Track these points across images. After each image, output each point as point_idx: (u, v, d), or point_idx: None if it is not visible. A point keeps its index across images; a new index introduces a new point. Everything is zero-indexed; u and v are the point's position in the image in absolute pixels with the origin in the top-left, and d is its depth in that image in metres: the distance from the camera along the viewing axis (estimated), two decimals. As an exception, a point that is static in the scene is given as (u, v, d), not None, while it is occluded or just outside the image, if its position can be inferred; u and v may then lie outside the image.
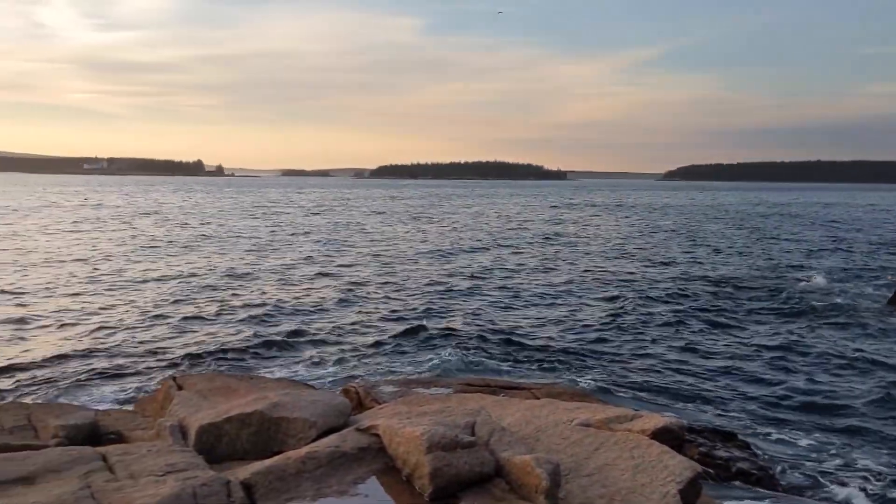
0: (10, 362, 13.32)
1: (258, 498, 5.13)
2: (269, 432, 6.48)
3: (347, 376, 13.07)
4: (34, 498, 4.98)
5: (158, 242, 36.26)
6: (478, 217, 64.60)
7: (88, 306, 18.79)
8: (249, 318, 17.90)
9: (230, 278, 24.38)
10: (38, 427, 7.72)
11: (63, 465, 5.60)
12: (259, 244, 36.19)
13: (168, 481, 5.15)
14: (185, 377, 9.09)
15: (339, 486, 5.39)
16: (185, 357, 14.21)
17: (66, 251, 31.47)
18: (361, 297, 21.27)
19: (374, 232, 45.59)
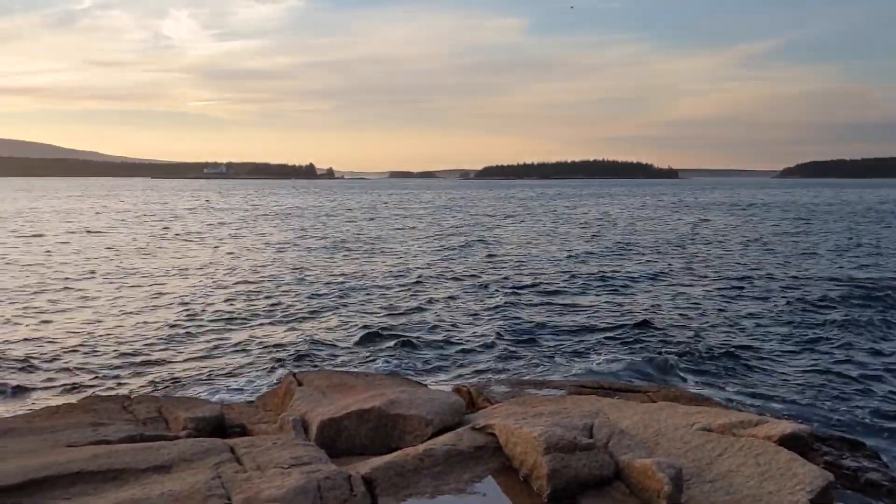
0: (141, 358, 14.06)
1: (379, 493, 5.23)
2: (387, 428, 6.62)
3: (457, 376, 13.16)
4: (170, 486, 5.25)
5: (286, 243, 37.51)
6: (605, 216, 63.36)
7: (213, 304, 19.63)
8: (361, 316, 18.28)
9: (346, 276, 24.96)
10: (168, 419, 8.09)
11: (195, 455, 5.87)
12: (383, 246, 36.84)
13: (293, 474, 5.33)
14: (304, 374, 9.34)
15: (456, 484, 5.44)
16: (301, 354, 14.63)
17: (200, 251, 33.00)
18: (480, 297, 21.33)
19: (505, 233, 45.42)
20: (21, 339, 15.32)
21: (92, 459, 5.77)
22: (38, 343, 15.02)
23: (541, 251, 34.27)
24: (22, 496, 5.22)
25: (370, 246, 36.02)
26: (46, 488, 5.35)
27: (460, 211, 75.51)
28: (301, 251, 33.87)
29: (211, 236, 41.99)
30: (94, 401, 8.90)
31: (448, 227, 51.48)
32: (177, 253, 32.56)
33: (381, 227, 51.04)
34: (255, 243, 37.77)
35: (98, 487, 5.40)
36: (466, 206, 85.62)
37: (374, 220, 58.29)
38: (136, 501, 5.04)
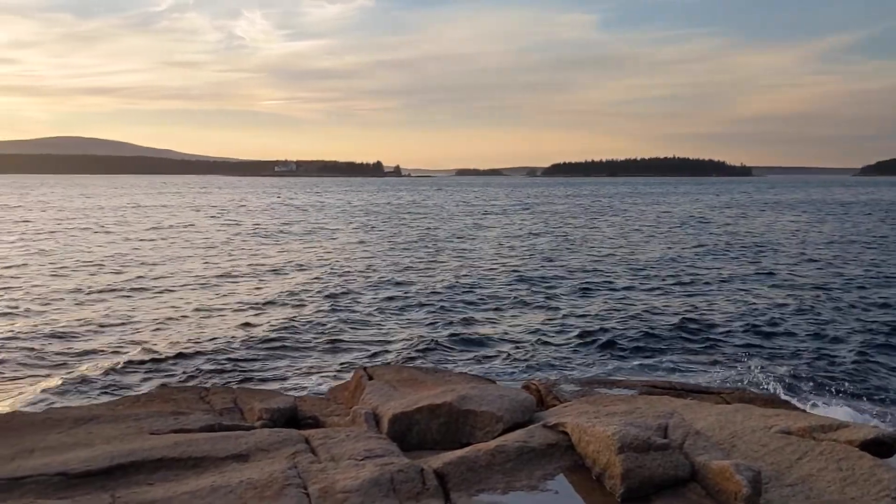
0: (214, 351, 14.42)
1: (451, 487, 5.26)
2: (458, 424, 6.65)
3: (524, 374, 13.13)
4: (248, 474, 5.38)
5: (358, 240, 38.01)
6: (684, 217, 61.98)
7: (287, 298, 20.01)
8: (431, 313, 18.38)
9: (416, 274, 25.15)
10: (244, 410, 8.28)
11: (272, 445, 6.01)
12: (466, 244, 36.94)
13: (367, 466, 5.41)
14: (374, 368, 9.46)
15: (528, 481, 5.43)
16: (370, 349, 14.81)
17: (273, 248, 33.70)
18: (547, 295, 21.22)
19: (578, 233, 45.03)
20: (100, 330, 15.88)
21: (174, 447, 5.96)
22: (117, 334, 15.55)
23: (617, 250, 33.83)
24: (109, 480, 5.43)
25: (443, 244, 36.15)
26: (132, 473, 5.55)
27: (533, 209, 75.16)
28: (373, 248, 34.23)
29: (284, 234, 42.76)
30: (173, 391, 9.18)
31: (524, 225, 51.32)
32: (251, 251, 33.26)
33: (454, 225, 51.17)
34: (327, 241, 38.32)
35: (179, 474, 5.57)
36: (542, 204, 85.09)
37: (446, 218, 58.51)
38: (216, 488, 5.19)
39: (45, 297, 19.81)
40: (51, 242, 35.26)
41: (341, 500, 4.91)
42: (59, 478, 5.43)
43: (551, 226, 50.10)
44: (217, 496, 5.07)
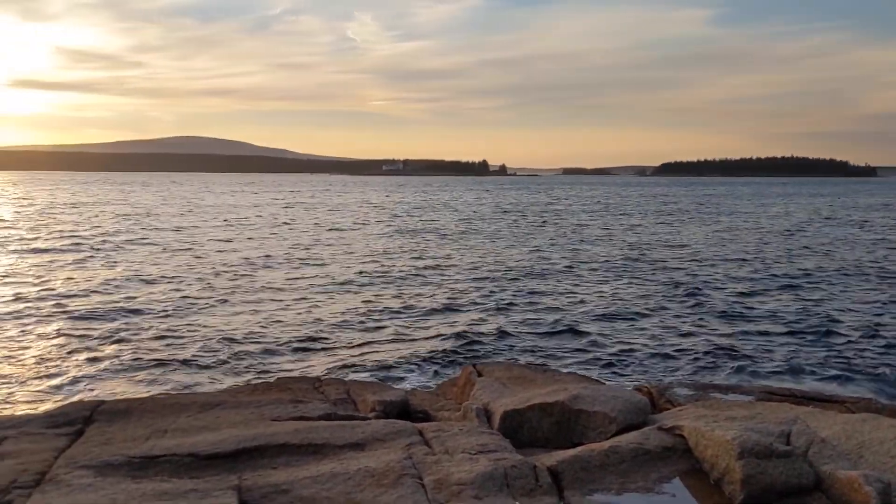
0: (324, 343, 14.84)
1: (564, 485, 5.27)
2: (570, 423, 6.63)
3: (632, 376, 12.93)
4: (365, 462, 5.54)
5: (464, 237, 38.34)
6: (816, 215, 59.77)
7: (393, 295, 20.39)
8: (538, 311, 18.34)
9: (528, 271, 25.12)
10: (357, 401, 8.50)
11: (387, 435, 6.16)
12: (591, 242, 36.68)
13: (480, 460, 5.47)
14: (483, 365, 9.52)
15: (643, 483, 5.37)
16: (477, 346, 14.90)
17: (382, 242, 34.39)
18: (662, 296, 20.79)
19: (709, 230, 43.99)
20: (218, 322, 16.61)
21: (294, 433, 6.20)
22: (233, 326, 16.22)
23: (742, 251, 32.72)
24: (236, 462, 5.70)
25: (551, 244, 35.95)
26: (256, 457, 5.81)
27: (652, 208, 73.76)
28: (480, 245, 34.39)
29: (392, 229, 43.49)
30: (289, 381, 9.52)
31: (642, 224, 50.47)
32: (363, 244, 34.00)
33: (564, 224, 50.82)
34: (432, 237, 38.74)
35: (300, 459, 5.79)
36: (668, 204, 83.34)
37: (556, 216, 58.15)
38: (336, 474, 5.37)
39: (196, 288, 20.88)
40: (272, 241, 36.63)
41: (456, 493, 4.99)
42: (190, 458, 5.75)
43: (676, 227, 48.82)
44: (337, 482, 5.25)
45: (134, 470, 5.53)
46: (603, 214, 64.26)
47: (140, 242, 34.26)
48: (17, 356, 13.24)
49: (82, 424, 6.79)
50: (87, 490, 5.09)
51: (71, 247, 31.51)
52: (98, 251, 30.15)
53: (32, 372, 12.29)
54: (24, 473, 5.45)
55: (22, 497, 5.05)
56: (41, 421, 6.88)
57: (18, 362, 12.83)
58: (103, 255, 28.69)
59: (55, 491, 5.11)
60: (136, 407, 7.31)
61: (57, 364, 12.77)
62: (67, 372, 12.31)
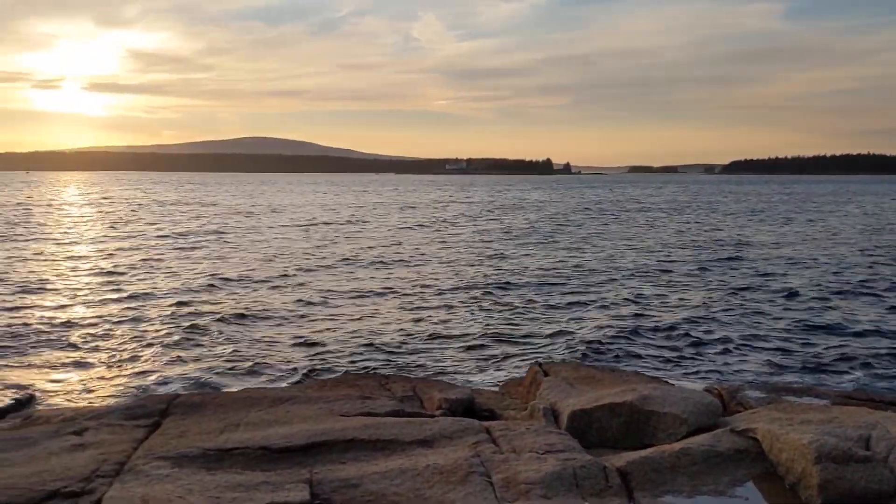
0: (388, 340, 14.96)
1: (634, 486, 5.21)
2: (639, 424, 6.55)
3: (700, 377, 12.68)
4: (434, 459, 5.58)
5: (529, 235, 38.25)
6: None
7: (457, 293, 20.44)
8: (604, 310, 18.15)
9: (596, 272, 24.91)
10: (423, 398, 8.55)
11: (454, 433, 6.19)
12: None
13: (549, 460, 5.45)
14: (550, 364, 9.47)
15: (715, 486, 5.28)
16: (540, 345, 14.82)
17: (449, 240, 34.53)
18: (737, 297, 20.32)
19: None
20: (287, 318, 16.90)
21: (363, 429, 6.28)
22: (301, 323, 16.49)
23: (823, 253, 31.75)
24: (306, 457, 5.80)
25: (624, 243, 35.55)
26: (325, 451, 5.90)
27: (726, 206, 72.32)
28: (540, 243, 34.23)
29: (459, 227, 43.62)
30: (356, 377, 9.64)
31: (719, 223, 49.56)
32: (430, 243, 34.16)
33: (632, 222, 50.24)
34: (497, 235, 38.70)
35: (369, 455, 5.86)
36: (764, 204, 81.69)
37: (621, 215, 57.52)
38: (404, 470, 5.42)
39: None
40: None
41: (524, 491, 4.99)
42: (262, 451, 5.87)
43: (762, 226, 47.66)
44: (405, 478, 5.29)
45: (209, 462, 5.67)
46: (682, 212, 63.15)
47: (223, 239, 35.13)
48: (97, 348, 13.72)
49: (159, 417, 7.01)
50: (165, 480, 5.25)
51: (157, 245, 32.52)
52: (185, 249, 31.10)
53: (111, 364, 12.71)
54: (105, 463, 5.65)
55: (103, 486, 5.24)
56: (120, 413, 7.12)
57: (98, 354, 13.29)
58: (187, 254, 29.55)
59: (134, 481, 5.28)
60: (210, 401, 7.50)
61: (134, 357, 13.19)
62: (144, 365, 12.69)
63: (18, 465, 5.69)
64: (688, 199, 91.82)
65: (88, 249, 30.69)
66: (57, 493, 5.10)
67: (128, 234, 38.11)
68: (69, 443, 6.24)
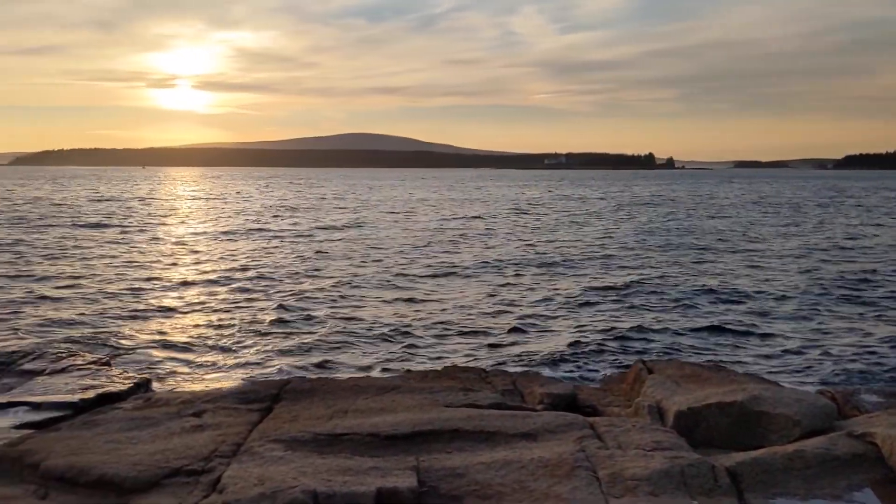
0: (484, 334, 15.01)
1: (744, 487, 5.10)
2: (749, 424, 6.40)
3: (809, 379, 12.20)
4: (538, 453, 5.61)
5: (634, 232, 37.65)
6: None
7: (559, 289, 20.33)
8: (708, 308, 17.68)
9: (700, 270, 24.33)
10: (523, 392, 8.59)
11: (558, 427, 6.20)
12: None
13: (656, 457, 5.39)
14: (654, 362, 9.34)
15: (830, 490, 5.11)
16: (638, 342, 14.57)
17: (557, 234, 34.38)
18: (855, 299, 19.46)
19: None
20: (390, 308, 17.20)
21: (467, 420, 6.36)
22: (404, 312, 16.74)
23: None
24: (412, 445, 5.93)
25: (726, 243, 34.51)
26: (431, 440, 6.01)
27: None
28: (645, 240, 33.58)
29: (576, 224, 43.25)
30: (457, 370, 9.75)
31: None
32: (536, 239, 34.06)
33: (737, 219, 48.69)
34: (597, 231, 38.16)
35: (474, 445, 5.94)
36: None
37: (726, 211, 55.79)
38: (509, 462, 5.47)
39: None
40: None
41: (631, 487, 4.96)
42: (370, 438, 6.04)
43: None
44: (510, 469, 5.34)
45: (320, 446, 5.88)
46: (801, 208, 60.74)
47: (340, 232, 36.01)
48: (209, 334, 14.33)
49: (271, 402, 7.30)
50: (279, 462, 5.47)
51: (268, 236, 33.65)
52: (298, 239, 32.15)
53: (222, 349, 13.26)
54: (223, 444, 5.94)
55: (222, 465, 5.51)
56: (235, 397, 7.46)
57: (209, 340, 13.88)
58: (302, 243, 30.56)
59: (251, 462, 5.52)
60: (319, 387, 7.76)
61: (243, 343, 13.72)
62: (252, 351, 13.19)
63: (144, 443, 6.05)
64: (816, 196, 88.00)
65: (206, 240, 32.00)
66: (180, 470, 5.40)
67: (250, 227, 39.39)
68: (189, 424, 6.58)
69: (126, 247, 29.12)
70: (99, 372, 10.89)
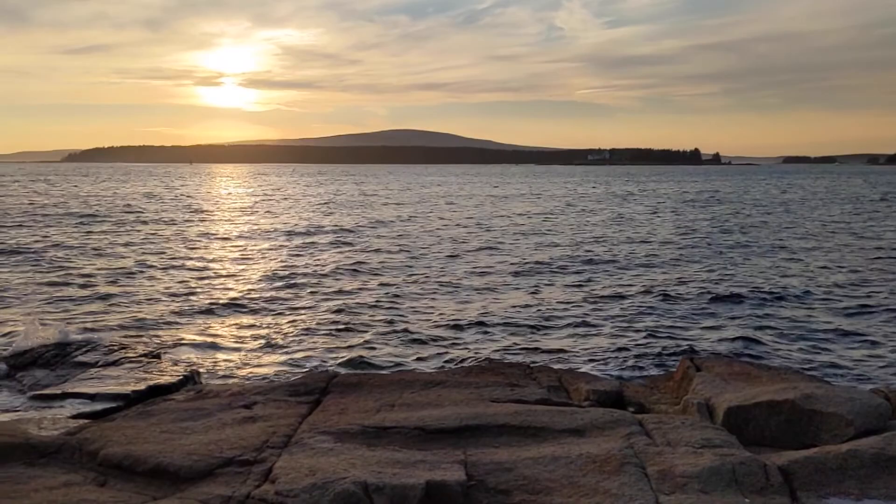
0: (525, 331, 14.99)
1: (797, 486, 5.03)
2: (801, 423, 6.30)
3: (859, 378, 11.96)
4: (586, 449, 5.60)
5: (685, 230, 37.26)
6: None
7: (605, 286, 20.21)
8: (759, 307, 17.42)
9: (757, 269, 23.99)
10: (569, 389, 8.56)
11: (606, 424, 6.18)
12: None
13: (705, 454, 5.35)
14: (702, 359, 9.23)
15: (886, 490, 5.01)
16: (683, 341, 14.41)
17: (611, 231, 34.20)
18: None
19: None
20: (439, 304, 17.27)
21: (514, 415, 6.38)
22: (450, 309, 16.79)
23: None
24: (460, 439, 5.96)
25: (767, 242, 33.97)
26: (478, 435, 6.04)
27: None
28: (695, 237, 33.17)
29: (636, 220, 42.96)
30: (502, 365, 9.75)
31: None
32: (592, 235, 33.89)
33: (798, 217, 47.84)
34: (646, 228, 37.80)
35: (521, 441, 5.95)
36: None
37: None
38: (557, 458, 5.47)
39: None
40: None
41: (681, 485, 4.93)
42: (417, 431, 6.09)
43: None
44: (558, 465, 5.35)
45: (368, 438, 5.95)
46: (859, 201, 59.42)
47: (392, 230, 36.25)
48: (259, 328, 14.57)
49: (319, 394, 7.40)
50: (329, 454, 5.55)
51: (318, 233, 33.93)
52: (348, 236, 32.45)
53: (271, 343, 13.45)
54: (274, 435, 6.04)
55: (273, 456, 5.60)
56: (285, 389, 7.58)
57: (256, 333, 14.11)
58: (351, 239, 30.83)
59: (301, 453, 5.61)
60: (366, 381, 7.84)
61: (289, 336, 13.90)
62: (299, 344, 13.37)
63: (197, 433, 6.18)
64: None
65: (256, 237, 32.44)
66: (233, 460, 5.51)
67: (300, 223, 39.76)
68: (240, 415, 6.70)
69: (176, 242, 29.66)
70: (149, 364, 11.14)
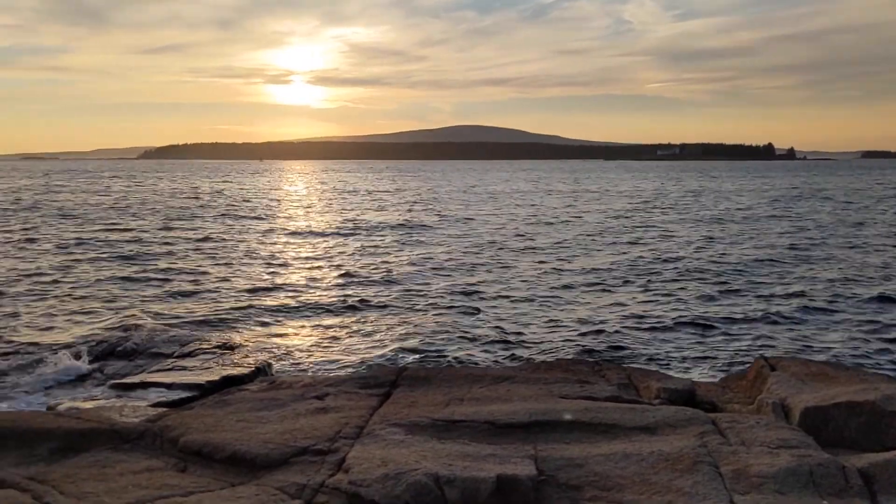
0: (605, 328, 14.86)
1: (878, 489, 4.90)
2: (881, 425, 6.12)
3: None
4: (658, 446, 5.54)
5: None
6: None
7: (687, 286, 19.91)
8: (833, 306, 16.92)
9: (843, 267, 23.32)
10: (639, 387, 8.47)
11: (678, 422, 6.10)
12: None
13: (782, 455, 5.25)
14: (777, 359, 9.03)
15: (972, 497, 4.84)
16: (759, 339, 14.10)
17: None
18: None
19: None
20: (497, 301, 17.27)
21: (584, 412, 6.35)
22: (509, 305, 16.79)
23: None
24: (529, 434, 5.97)
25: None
26: (548, 430, 6.04)
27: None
28: (768, 236, 32.37)
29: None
30: (570, 362, 9.71)
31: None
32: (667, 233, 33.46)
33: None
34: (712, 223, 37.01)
35: (591, 437, 5.93)
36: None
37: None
38: (628, 455, 5.43)
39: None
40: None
41: (756, 485, 4.84)
42: (487, 426, 6.12)
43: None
44: (630, 462, 5.31)
45: (438, 431, 6.01)
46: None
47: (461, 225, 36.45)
48: (330, 322, 14.84)
49: (389, 387, 7.50)
50: (400, 445, 5.63)
51: (390, 229, 34.30)
52: (420, 232, 32.76)
53: (341, 337, 13.70)
54: (346, 426, 6.15)
55: (346, 447, 5.71)
56: (355, 382, 7.71)
57: (331, 327, 14.38)
58: (424, 236, 31.12)
59: (373, 444, 5.71)
60: (435, 375, 7.91)
61: (362, 332, 14.12)
62: (371, 339, 13.56)
63: (272, 423, 6.34)
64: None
65: (329, 232, 32.91)
66: (307, 449, 5.64)
67: (372, 219, 40.20)
68: (313, 406, 6.85)
69: (251, 237, 30.35)
70: (223, 356, 11.48)
